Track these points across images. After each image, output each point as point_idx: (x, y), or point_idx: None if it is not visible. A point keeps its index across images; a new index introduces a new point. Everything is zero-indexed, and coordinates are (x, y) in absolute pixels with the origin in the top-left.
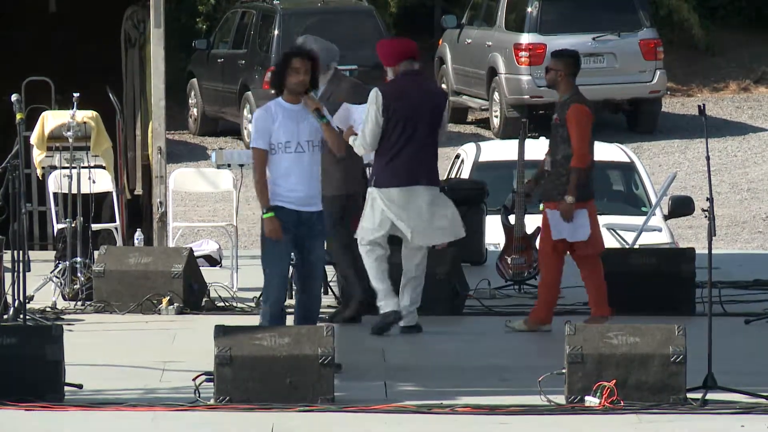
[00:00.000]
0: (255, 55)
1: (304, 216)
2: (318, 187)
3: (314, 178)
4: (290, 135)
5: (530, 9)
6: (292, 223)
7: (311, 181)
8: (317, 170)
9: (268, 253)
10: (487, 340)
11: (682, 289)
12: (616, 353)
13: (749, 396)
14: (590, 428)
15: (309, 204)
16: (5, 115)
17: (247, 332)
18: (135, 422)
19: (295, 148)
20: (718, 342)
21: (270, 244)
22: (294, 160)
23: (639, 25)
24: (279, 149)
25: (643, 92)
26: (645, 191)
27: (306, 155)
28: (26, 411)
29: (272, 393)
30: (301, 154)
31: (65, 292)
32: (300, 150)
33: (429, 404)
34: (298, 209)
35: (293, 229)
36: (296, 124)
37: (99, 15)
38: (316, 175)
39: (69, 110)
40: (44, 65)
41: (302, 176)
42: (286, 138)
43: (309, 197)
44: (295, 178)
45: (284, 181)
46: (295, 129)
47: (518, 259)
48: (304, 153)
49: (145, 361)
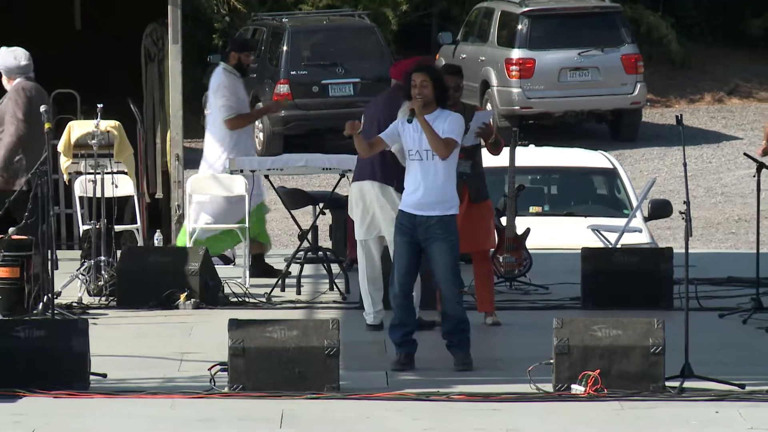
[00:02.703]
0: (265, 69)
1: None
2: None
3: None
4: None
5: (520, 26)
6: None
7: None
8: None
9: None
10: (480, 333)
11: (661, 285)
12: (600, 345)
13: (723, 384)
14: (576, 414)
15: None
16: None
17: (259, 325)
18: (155, 409)
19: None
20: (694, 334)
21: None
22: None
23: (621, 42)
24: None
25: (625, 103)
26: (626, 195)
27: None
28: (54, 398)
29: (282, 382)
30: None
31: (90, 288)
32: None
33: (427, 392)
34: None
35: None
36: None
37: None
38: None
39: (93, 120)
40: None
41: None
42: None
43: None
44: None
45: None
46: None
47: (509, 257)
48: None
49: (164, 352)
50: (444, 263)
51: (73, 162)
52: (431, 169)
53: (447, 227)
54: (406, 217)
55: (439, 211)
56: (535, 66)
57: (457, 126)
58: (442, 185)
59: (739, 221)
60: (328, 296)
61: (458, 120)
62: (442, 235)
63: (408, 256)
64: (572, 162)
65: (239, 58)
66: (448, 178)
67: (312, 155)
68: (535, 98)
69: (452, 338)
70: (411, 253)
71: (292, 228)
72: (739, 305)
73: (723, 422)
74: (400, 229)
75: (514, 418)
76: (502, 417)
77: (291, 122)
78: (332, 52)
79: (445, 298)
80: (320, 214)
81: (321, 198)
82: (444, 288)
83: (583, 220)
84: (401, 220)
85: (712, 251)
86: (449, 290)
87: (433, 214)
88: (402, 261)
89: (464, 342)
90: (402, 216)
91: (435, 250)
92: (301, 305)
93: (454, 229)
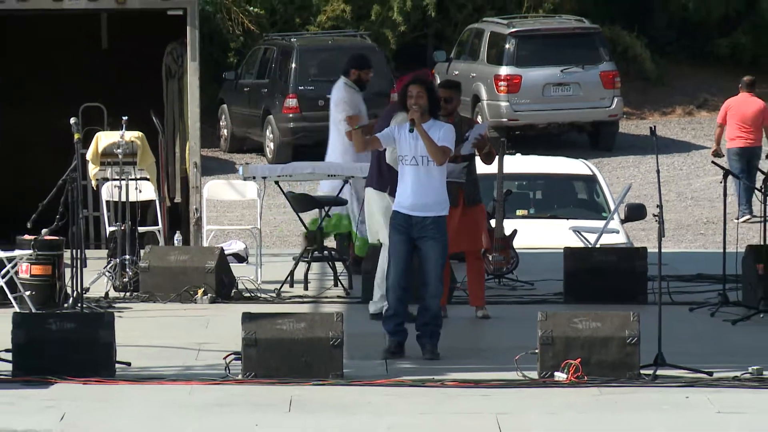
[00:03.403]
0: (275, 85)
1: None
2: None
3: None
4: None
5: (508, 45)
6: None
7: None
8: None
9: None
10: (471, 325)
11: (636, 281)
12: (581, 336)
13: (693, 372)
14: (559, 399)
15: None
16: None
17: (270, 318)
18: (175, 394)
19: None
20: (667, 326)
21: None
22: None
23: (599, 60)
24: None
25: (603, 116)
26: (605, 199)
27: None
28: (83, 385)
29: (291, 369)
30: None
31: (116, 284)
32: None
33: (423, 379)
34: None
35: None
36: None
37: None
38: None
39: (119, 131)
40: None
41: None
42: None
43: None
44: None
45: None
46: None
47: (498, 256)
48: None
49: (183, 342)
50: (435, 261)
51: (100, 169)
52: (426, 173)
53: (440, 227)
54: (402, 218)
55: (433, 212)
56: (521, 82)
57: (451, 135)
58: (436, 188)
59: (707, 223)
60: (332, 292)
61: (451, 130)
62: (435, 234)
63: (404, 254)
64: (555, 169)
65: (359, 74)
66: (440, 182)
67: (318, 163)
68: (521, 111)
69: (425, 329)
70: (407, 250)
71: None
72: (708, 300)
73: (693, 406)
74: (397, 229)
75: (502, 402)
76: (492, 402)
77: (299, 133)
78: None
79: (429, 292)
80: (326, 217)
81: (326, 202)
82: (431, 283)
83: (565, 222)
84: (397, 220)
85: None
86: (435, 285)
87: (429, 215)
88: (398, 258)
89: (435, 335)
90: (398, 216)
91: (428, 248)
92: (308, 300)
93: (444, 230)
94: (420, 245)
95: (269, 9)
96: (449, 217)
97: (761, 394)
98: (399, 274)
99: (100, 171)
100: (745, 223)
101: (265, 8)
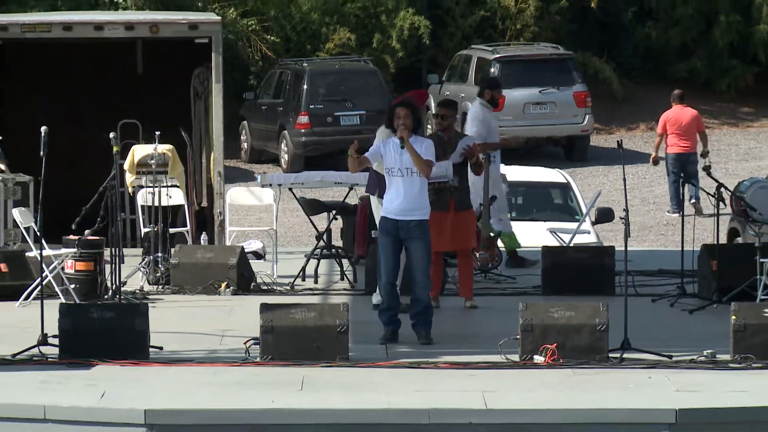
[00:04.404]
0: (289, 104)
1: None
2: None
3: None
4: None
5: (493, 69)
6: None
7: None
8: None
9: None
10: (461, 314)
11: (605, 276)
12: (557, 324)
13: (654, 355)
14: (537, 379)
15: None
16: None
17: (285, 308)
18: (201, 375)
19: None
20: (632, 315)
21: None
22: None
23: (573, 82)
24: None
25: (576, 131)
26: (577, 204)
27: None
28: (121, 366)
29: (302, 353)
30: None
31: (149, 278)
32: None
33: (418, 361)
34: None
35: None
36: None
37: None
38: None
39: (152, 144)
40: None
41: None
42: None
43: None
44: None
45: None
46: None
47: (484, 254)
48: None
49: (208, 329)
50: (420, 259)
51: (136, 178)
52: (410, 183)
53: (423, 229)
54: (390, 222)
55: (417, 216)
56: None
57: (431, 149)
58: (418, 195)
59: (667, 225)
60: (339, 285)
61: (431, 145)
62: (419, 235)
63: (393, 254)
64: (534, 178)
65: (492, 93)
66: (422, 190)
67: (327, 172)
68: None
69: (419, 319)
70: (395, 251)
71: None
72: (668, 292)
73: (654, 385)
74: (386, 232)
75: (488, 381)
76: (479, 381)
77: (310, 146)
78: (343, 90)
79: (418, 286)
80: (333, 219)
81: (334, 206)
82: (418, 277)
83: (543, 224)
84: (386, 225)
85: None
86: (423, 280)
87: (413, 219)
88: (388, 257)
89: (428, 323)
90: (386, 221)
91: (414, 248)
92: (318, 292)
93: (427, 231)
94: (407, 246)
95: (284, 37)
96: (442, 220)
97: (714, 374)
98: (389, 271)
99: (135, 179)
100: (699, 225)
101: (280, 37)
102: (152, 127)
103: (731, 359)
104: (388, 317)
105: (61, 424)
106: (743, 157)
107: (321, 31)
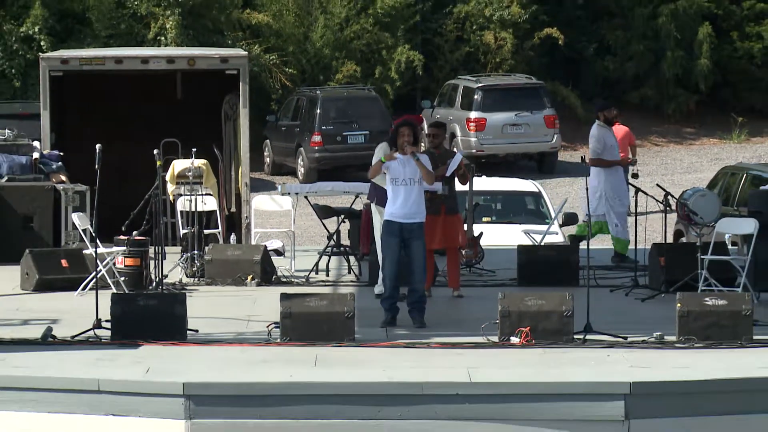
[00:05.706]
0: (305, 125)
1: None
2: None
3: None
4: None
5: (476, 96)
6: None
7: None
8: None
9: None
10: (449, 302)
11: (570, 270)
12: (530, 310)
13: (612, 337)
14: (514, 357)
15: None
16: (150, 162)
17: (301, 297)
18: (230, 352)
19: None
20: (593, 303)
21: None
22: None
23: (544, 107)
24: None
25: (546, 148)
26: (547, 209)
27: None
28: (163, 346)
29: (316, 335)
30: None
31: (187, 272)
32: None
33: (413, 342)
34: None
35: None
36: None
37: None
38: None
39: (189, 159)
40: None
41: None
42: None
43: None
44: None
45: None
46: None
47: (469, 251)
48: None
49: (236, 315)
50: (419, 256)
51: (175, 187)
52: (412, 191)
53: (421, 230)
54: (395, 225)
55: (418, 219)
56: (486, 123)
57: (429, 162)
58: (417, 201)
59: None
60: (347, 278)
61: (428, 158)
62: (419, 236)
63: (396, 252)
64: (511, 187)
65: (604, 114)
66: (420, 197)
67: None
68: (486, 144)
69: (414, 306)
70: (398, 249)
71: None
72: (623, 283)
73: (612, 362)
74: (391, 233)
75: (472, 359)
76: (465, 358)
77: (322, 161)
78: (350, 113)
79: (416, 278)
80: (342, 222)
81: (342, 211)
82: (417, 271)
83: (518, 226)
84: (392, 227)
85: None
86: (420, 273)
87: (415, 221)
88: (393, 255)
89: (422, 310)
90: (392, 224)
91: (415, 247)
92: (329, 284)
93: (423, 232)
94: (409, 245)
95: (300, 69)
96: (434, 223)
97: (662, 352)
98: (392, 266)
99: (175, 189)
100: (650, 227)
101: (297, 69)
102: (190, 145)
103: (677, 340)
104: (390, 305)
105: (113, 395)
106: (687, 170)
107: (332, 64)
